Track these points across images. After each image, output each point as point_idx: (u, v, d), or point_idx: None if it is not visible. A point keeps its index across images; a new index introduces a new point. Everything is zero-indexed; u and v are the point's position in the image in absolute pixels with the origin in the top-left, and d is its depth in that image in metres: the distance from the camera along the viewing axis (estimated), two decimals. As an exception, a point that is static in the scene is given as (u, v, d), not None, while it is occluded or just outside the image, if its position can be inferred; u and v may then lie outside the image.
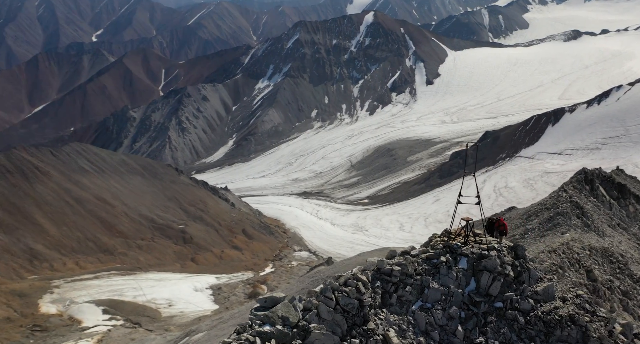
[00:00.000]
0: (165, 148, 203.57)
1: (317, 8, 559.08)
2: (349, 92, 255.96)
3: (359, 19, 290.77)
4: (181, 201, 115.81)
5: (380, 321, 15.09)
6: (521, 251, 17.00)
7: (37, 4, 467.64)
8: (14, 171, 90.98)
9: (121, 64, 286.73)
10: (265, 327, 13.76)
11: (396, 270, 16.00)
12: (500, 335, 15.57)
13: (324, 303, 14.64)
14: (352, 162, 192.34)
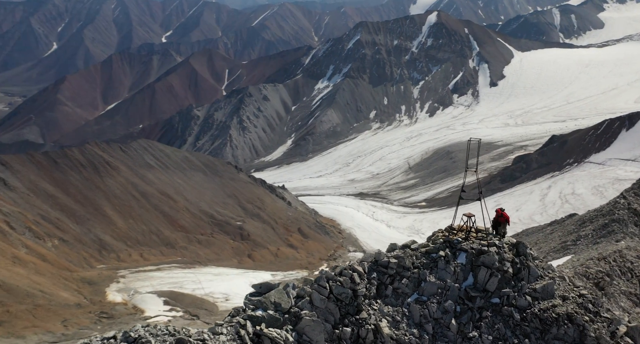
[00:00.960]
0: (227, 147, 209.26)
1: (379, 9, 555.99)
2: (408, 93, 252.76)
3: (421, 20, 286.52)
4: (240, 198, 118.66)
5: (374, 312, 15.33)
6: (522, 249, 16.79)
7: (114, 7, 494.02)
8: (87, 165, 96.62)
9: (187, 64, 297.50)
10: (257, 312, 14.29)
11: (393, 262, 16.16)
12: (494, 330, 15.55)
13: (317, 291, 15.00)
14: (410, 163, 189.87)
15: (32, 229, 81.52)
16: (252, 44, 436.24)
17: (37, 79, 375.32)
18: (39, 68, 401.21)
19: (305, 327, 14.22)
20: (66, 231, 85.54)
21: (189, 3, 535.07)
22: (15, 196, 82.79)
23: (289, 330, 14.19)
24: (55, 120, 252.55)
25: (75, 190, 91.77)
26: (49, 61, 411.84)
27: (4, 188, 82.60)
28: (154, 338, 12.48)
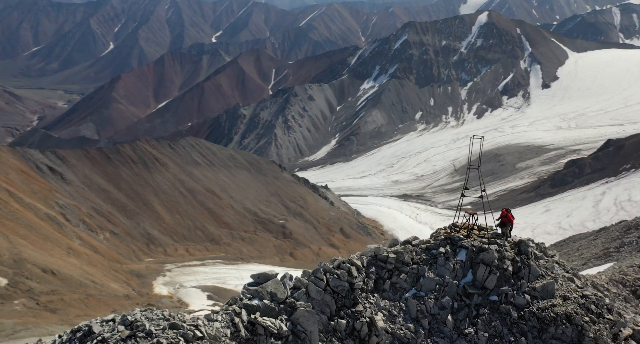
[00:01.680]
0: (271, 145, 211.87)
1: (428, 9, 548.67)
2: (456, 95, 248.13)
3: (471, 19, 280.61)
4: (283, 197, 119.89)
5: (370, 305, 15.57)
6: (524, 248, 16.82)
7: (167, 8, 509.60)
8: (137, 161, 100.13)
9: (236, 64, 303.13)
10: (253, 301, 14.67)
11: (392, 257, 16.40)
12: (490, 328, 15.63)
13: (314, 283, 15.31)
14: (455, 166, 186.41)
15: (85, 222, 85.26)
16: (299, 44, 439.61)
17: (95, 78, 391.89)
18: (96, 67, 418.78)
19: (299, 317, 14.50)
20: (117, 225, 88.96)
21: (239, 4, 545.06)
22: (71, 190, 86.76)
23: (284, 320, 14.48)
24: (109, 117, 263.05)
25: (126, 185, 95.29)
26: (106, 60, 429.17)
27: (61, 182, 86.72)
28: (149, 322, 12.90)
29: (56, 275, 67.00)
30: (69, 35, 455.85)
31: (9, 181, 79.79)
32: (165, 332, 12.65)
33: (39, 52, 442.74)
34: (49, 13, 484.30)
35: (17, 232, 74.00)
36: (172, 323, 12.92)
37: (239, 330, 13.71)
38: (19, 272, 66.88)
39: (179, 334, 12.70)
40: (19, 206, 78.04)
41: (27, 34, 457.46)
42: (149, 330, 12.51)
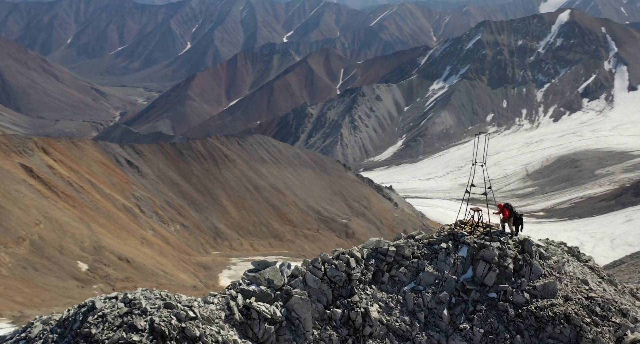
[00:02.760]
0: (337, 145, 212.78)
1: (505, 7, 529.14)
2: (531, 96, 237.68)
3: (551, 18, 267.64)
4: (346, 196, 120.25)
5: (366, 296, 15.86)
6: (528, 246, 16.74)
7: (242, 9, 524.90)
8: (207, 157, 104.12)
9: (305, 64, 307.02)
10: (251, 286, 15.17)
11: (391, 250, 16.67)
12: (487, 324, 15.64)
13: (311, 272, 15.67)
14: (528, 170, 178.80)
15: (158, 213, 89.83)
16: (369, 44, 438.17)
17: (172, 76, 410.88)
18: (174, 66, 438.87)
19: (294, 304, 14.88)
20: (187, 218, 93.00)
21: (311, 4, 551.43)
22: (146, 183, 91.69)
23: (279, 306, 14.87)
24: (184, 114, 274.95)
25: (196, 179, 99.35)
26: (183, 59, 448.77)
27: (137, 175, 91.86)
28: (146, 301, 13.54)
29: (130, 263, 71.14)
30: (150, 36, 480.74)
31: (91, 172, 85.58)
32: (160, 311, 13.27)
33: (123, 51, 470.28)
34: (134, 14, 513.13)
35: (97, 221, 79.27)
36: (167, 303, 13.55)
37: (233, 313, 14.23)
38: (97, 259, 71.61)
39: (172, 314, 13.28)
40: (99, 196, 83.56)
41: (114, 35, 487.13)
42: (144, 308, 13.17)
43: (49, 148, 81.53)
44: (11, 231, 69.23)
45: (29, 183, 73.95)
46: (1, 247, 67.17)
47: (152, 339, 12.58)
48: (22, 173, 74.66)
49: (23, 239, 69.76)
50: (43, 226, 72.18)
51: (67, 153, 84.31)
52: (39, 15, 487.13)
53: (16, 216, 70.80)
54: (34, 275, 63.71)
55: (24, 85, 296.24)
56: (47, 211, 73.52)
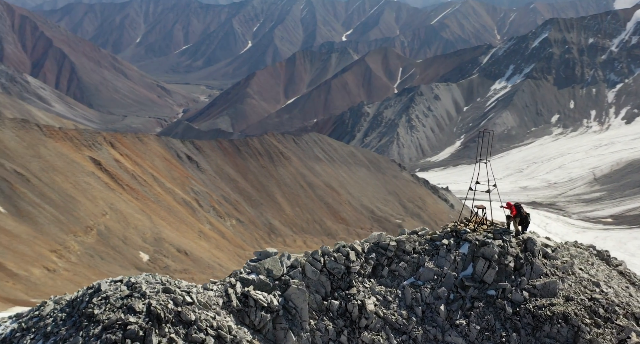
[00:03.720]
0: (393, 144, 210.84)
1: (575, 4, 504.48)
2: (601, 97, 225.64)
3: (626, 15, 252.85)
4: (401, 196, 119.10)
5: (364, 289, 16.13)
6: (530, 245, 16.67)
7: (302, 8, 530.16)
8: (263, 154, 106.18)
9: (363, 62, 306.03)
10: (251, 275, 15.68)
11: (392, 245, 16.86)
12: (483, 321, 15.66)
13: (311, 263, 16.02)
14: (595, 174, 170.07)
15: (215, 208, 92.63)
16: (429, 43, 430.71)
17: (233, 74, 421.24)
18: (235, 65, 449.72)
19: (291, 294, 15.24)
20: (242, 213, 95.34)
21: (371, 3, 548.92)
22: (205, 178, 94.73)
23: (277, 295, 15.28)
24: (243, 112, 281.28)
25: (252, 176, 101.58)
26: (243, 58, 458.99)
27: (197, 170, 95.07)
28: (147, 285, 14.12)
29: (188, 255, 73.83)
30: (213, 35, 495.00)
31: (154, 167, 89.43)
32: (158, 295, 13.83)
33: (187, 50, 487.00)
34: (199, 14, 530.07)
35: (158, 214, 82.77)
36: (165, 288, 14.12)
37: (231, 301, 14.72)
38: (158, 250, 74.81)
39: (170, 298, 13.81)
40: (161, 190, 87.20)
41: (179, 34, 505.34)
42: (144, 292, 13.78)
43: (116, 143, 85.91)
44: (80, 221, 73.56)
45: (97, 175, 78.27)
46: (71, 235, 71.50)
47: (148, 322, 13.06)
48: (91, 166, 79.12)
49: (91, 228, 73.95)
50: (109, 217, 76.22)
51: (132, 147, 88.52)
52: (112, 15, 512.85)
53: (85, 207, 75.14)
54: (100, 263, 67.43)
55: (96, 82, 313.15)
56: (112, 202, 77.55)
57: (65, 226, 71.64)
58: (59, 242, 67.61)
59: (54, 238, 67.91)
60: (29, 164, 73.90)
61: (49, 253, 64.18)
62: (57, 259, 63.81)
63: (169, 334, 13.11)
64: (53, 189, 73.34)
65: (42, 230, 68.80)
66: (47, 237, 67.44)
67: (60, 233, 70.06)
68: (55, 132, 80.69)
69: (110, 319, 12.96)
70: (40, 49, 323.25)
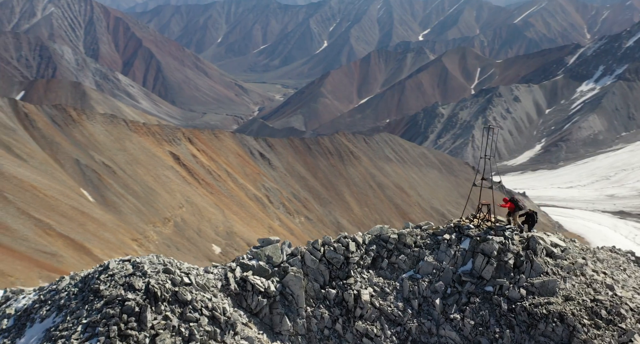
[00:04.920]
0: (468, 147, 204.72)
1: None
2: None
3: None
4: (473, 200, 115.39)
5: (362, 279, 16.42)
6: (533, 244, 16.61)
7: (379, 7, 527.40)
8: (334, 153, 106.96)
9: (439, 62, 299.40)
10: (251, 261, 16.27)
11: (393, 237, 17.13)
12: (478, 316, 15.73)
13: (310, 252, 16.52)
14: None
15: (285, 205, 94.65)
16: (511, 42, 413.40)
17: (308, 74, 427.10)
18: (310, 64, 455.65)
19: (289, 281, 15.82)
20: (311, 211, 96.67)
21: (450, 1, 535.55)
22: (276, 175, 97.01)
23: (275, 281, 15.85)
24: (316, 111, 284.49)
25: (322, 174, 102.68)
26: (319, 58, 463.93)
27: (268, 167, 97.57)
28: (149, 265, 14.82)
29: (256, 249, 75.93)
30: (290, 35, 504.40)
31: (228, 163, 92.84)
32: (158, 275, 14.45)
33: (265, 50, 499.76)
34: (277, 14, 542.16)
35: (231, 208, 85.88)
36: (166, 268, 14.77)
37: (229, 284, 15.37)
38: (229, 243, 77.65)
39: (169, 278, 14.42)
40: (234, 185, 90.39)
41: (258, 34, 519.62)
42: (145, 271, 14.49)
43: (193, 138, 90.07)
44: (159, 212, 77.88)
45: (175, 169, 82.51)
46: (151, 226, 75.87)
47: (145, 299, 13.71)
48: (170, 160, 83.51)
49: (168, 220, 78.09)
50: (185, 209, 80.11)
51: (209, 143, 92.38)
52: (196, 16, 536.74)
53: (164, 199, 79.44)
54: (176, 254, 70.99)
55: (179, 80, 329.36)
56: (189, 196, 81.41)
57: (146, 217, 76.15)
58: (139, 231, 72.02)
59: (135, 227, 72.44)
60: (115, 157, 79.27)
61: (130, 241, 68.57)
62: (138, 247, 68.01)
63: (164, 312, 13.75)
64: (136, 181, 78.21)
65: (125, 219, 73.58)
66: (129, 226, 72.06)
67: (141, 223, 74.58)
68: (139, 127, 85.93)
69: (111, 295, 13.78)
70: (131, 48, 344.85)
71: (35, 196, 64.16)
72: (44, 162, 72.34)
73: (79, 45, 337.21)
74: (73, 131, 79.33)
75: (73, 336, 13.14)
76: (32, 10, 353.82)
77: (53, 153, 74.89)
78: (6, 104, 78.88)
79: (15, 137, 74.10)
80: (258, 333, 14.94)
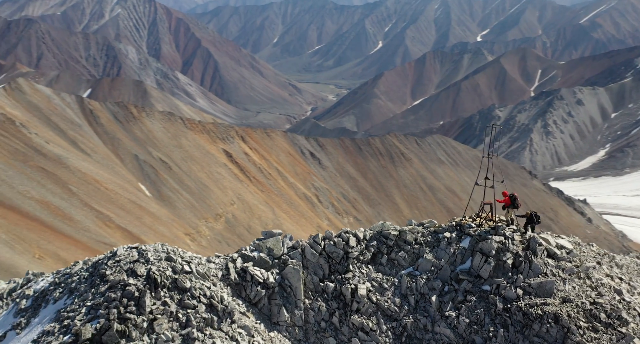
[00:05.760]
0: (525, 151, 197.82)
1: None
2: None
3: None
4: (529, 205, 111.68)
5: (360, 274, 16.64)
6: (533, 244, 16.59)
7: (436, 7, 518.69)
8: (384, 154, 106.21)
9: (497, 64, 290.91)
10: (253, 253, 16.68)
11: (393, 234, 17.32)
12: (473, 315, 15.78)
13: (311, 245, 16.81)
14: None
15: (334, 205, 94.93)
16: (576, 43, 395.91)
17: (361, 74, 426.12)
18: (364, 65, 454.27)
19: (288, 273, 16.21)
20: (360, 212, 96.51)
21: (512, 1, 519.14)
22: (325, 175, 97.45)
23: (275, 273, 16.25)
24: (369, 111, 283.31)
25: (372, 175, 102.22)
26: (373, 58, 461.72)
27: (318, 167, 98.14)
28: (153, 253, 15.41)
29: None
30: (345, 35, 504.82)
31: (279, 161, 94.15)
32: (160, 262, 15.00)
33: (319, 50, 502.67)
34: (333, 15, 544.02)
35: (281, 207, 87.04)
36: (168, 256, 15.31)
37: (230, 274, 15.81)
38: (277, 239, 78.71)
39: (170, 266, 14.94)
40: (284, 184, 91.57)
41: (313, 34, 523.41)
42: (148, 258, 15.09)
43: (246, 137, 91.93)
44: (212, 208, 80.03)
45: (228, 166, 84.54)
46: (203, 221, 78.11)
47: (146, 285, 14.22)
48: (223, 158, 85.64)
49: (220, 216, 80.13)
50: (236, 206, 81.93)
51: (261, 142, 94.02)
52: (254, 17, 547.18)
53: (216, 196, 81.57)
54: (226, 249, 72.71)
55: (235, 80, 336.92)
56: (240, 193, 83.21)
57: (199, 212, 78.49)
58: (192, 226, 74.31)
59: (188, 222, 74.82)
60: (171, 153, 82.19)
61: (183, 235, 70.87)
62: (190, 242, 70.18)
63: (163, 298, 14.24)
64: (190, 177, 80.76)
65: (179, 214, 76.13)
66: (182, 221, 74.50)
67: (194, 218, 76.94)
68: (195, 125, 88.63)
69: (115, 279, 14.39)
70: (190, 48, 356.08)
71: (97, 190, 67.52)
72: (105, 156, 76.02)
73: (142, 45, 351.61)
74: (133, 127, 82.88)
75: (77, 317, 13.85)
76: (101, 11, 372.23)
77: (114, 149, 78.55)
78: (73, 101, 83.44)
79: (81, 132, 78.27)
80: (256, 323, 15.32)
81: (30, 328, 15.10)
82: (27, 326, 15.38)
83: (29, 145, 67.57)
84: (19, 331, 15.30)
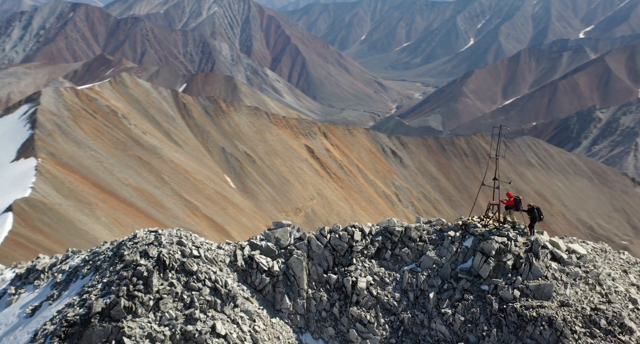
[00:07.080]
0: (629, 156, 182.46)
1: None
2: None
3: None
4: (630, 214, 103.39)
5: (362, 268, 17.14)
6: (536, 247, 16.59)
7: (535, 3, 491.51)
8: (469, 154, 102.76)
9: (601, 62, 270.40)
10: (262, 242, 17.57)
11: (398, 230, 17.76)
12: (469, 313, 15.99)
13: (317, 238, 17.53)
14: None
15: (414, 204, 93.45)
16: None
17: (450, 72, 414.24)
18: (454, 62, 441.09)
19: (292, 262, 17.00)
20: (441, 213, 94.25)
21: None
22: (406, 174, 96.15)
23: (280, 262, 17.01)
24: (456, 110, 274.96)
25: (455, 175, 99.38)
26: (463, 56, 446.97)
27: (399, 165, 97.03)
28: (167, 237, 16.39)
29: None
30: (435, 32, 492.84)
31: (360, 158, 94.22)
32: (172, 246, 15.94)
33: (407, 47, 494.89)
34: (423, 11, 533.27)
35: (360, 204, 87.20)
36: (179, 240, 16.31)
37: (237, 261, 16.70)
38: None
39: (180, 250, 15.89)
40: (364, 181, 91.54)
41: (402, 31, 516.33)
42: (160, 241, 16.13)
43: (328, 133, 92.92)
44: (292, 202, 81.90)
45: (309, 162, 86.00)
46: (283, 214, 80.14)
47: (155, 266, 15.18)
48: (305, 153, 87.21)
49: (300, 210, 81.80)
50: (316, 201, 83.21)
51: (342, 138, 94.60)
52: (342, 14, 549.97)
53: (297, 190, 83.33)
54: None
55: (321, 76, 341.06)
56: (320, 188, 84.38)
57: (279, 206, 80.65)
58: (273, 219, 76.52)
59: (269, 214, 77.14)
60: (256, 147, 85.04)
61: (264, 227, 73.22)
62: (269, 232, 72.47)
63: (170, 279, 15.17)
64: (273, 171, 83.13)
65: (261, 207, 78.71)
66: (264, 213, 76.95)
67: (275, 211, 79.18)
68: (279, 120, 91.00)
69: (129, 260, 15.47)
70: (280, 45, 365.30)
71: (187, 179, 71.52)
72: (195, 148, 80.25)
73: (235, 42, 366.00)
74: (222, 121, 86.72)
75: (94, 292, 15.13)
76: (199, 9, 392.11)
77: (203, 141, 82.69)
78: (169, 95, 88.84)
79: (174, 124, 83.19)
80: (259, 308, 16.10)
81: (60, 300, 16.74)
82: (58, 298, 17.08)
83: (129, 135, 72.95)
84: (51, 302, 17.01)
